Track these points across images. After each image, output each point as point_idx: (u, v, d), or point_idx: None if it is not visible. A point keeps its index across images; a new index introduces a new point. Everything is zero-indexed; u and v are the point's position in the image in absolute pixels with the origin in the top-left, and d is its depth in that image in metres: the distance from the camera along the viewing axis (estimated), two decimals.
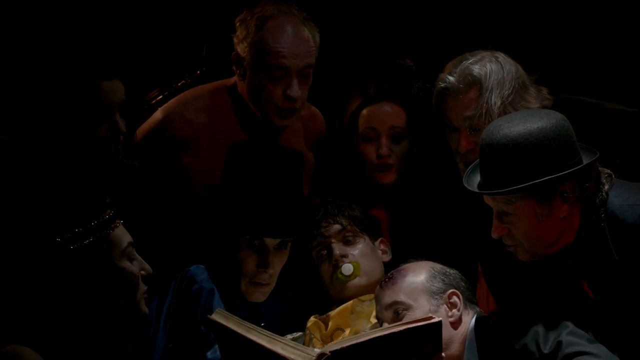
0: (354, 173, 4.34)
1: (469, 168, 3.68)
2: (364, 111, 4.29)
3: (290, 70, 4.13)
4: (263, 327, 3.79)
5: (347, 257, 4.01)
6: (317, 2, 4.44)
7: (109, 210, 3.35)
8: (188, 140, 4.23)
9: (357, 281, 3.99)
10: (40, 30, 4.75)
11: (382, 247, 4.14)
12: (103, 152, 3.71)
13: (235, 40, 4.22)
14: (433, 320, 3.32)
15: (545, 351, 3.44)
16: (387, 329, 3.33)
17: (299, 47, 4.14)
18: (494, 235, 3.60)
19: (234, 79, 4.31)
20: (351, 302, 3.95)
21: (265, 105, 4.18)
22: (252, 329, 3.32)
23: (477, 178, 3.62)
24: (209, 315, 3.37)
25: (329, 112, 4.53)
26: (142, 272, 3.38)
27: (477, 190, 3.59)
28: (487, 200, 3.60)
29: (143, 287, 3.37)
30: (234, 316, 3.38)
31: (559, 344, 3.44)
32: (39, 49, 4.22)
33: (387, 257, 4.13)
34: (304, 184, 4.33)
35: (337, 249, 4.02)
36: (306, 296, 4.13)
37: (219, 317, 3.35)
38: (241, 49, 4.19)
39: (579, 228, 3.57)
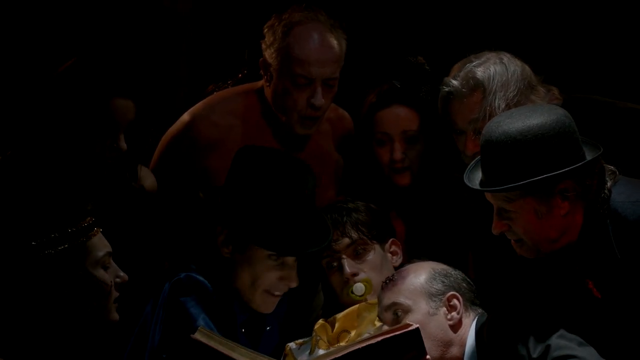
0: (371, 173, 4.37)
1: (471, 164, 3.66)
2: (377, 115, 4.31)
3: (315, 78, 4.16)
4: (269, 330, 3.86)
5: (359, 274, 4.00)
6: (335, 3, 4.46)
7: (89, 218, 3.35)
8: (214, 142, 4.28)
9: (369, 299, 3.99)
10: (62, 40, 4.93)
11: (393, 248, 4.13)
12: (96, 165, 3.83)
13: (263, 46, 4.26)
14: (410, 328, 3.34)
15: (535, 355, 3.44)
16: (365, 341, 3.34)
17: (324, 54, 4.16)
18: (494, 232, 3.59)
19: (262, 82, 4.36)
20: (358, 305, 3.98)
21: (289, 113, 4.22)
22: (234, 347, 3.34)
23: (479, 174, 3.60)
24: (191, 335, 3.37)
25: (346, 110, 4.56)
26: (117, 280, 3.39)
27: (475, 186, 3.58)
28: (488, 197, 3.59)
29: (115, 295, 3.37)
30: (216, 334, 3.41)
31: (547, 348, 3.43)
32: (56, 58, 4.37)
33: (398, 260, 4.12)
34: (331, 187, 4.39)
35: (348, 265, 4.00)
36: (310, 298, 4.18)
37: (201, 336, 3.36)
38: (268, 54, 4.23)
39: (582, 225, 3.53)
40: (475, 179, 3.61)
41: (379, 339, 3.31)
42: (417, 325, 3.36)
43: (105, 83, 3.84)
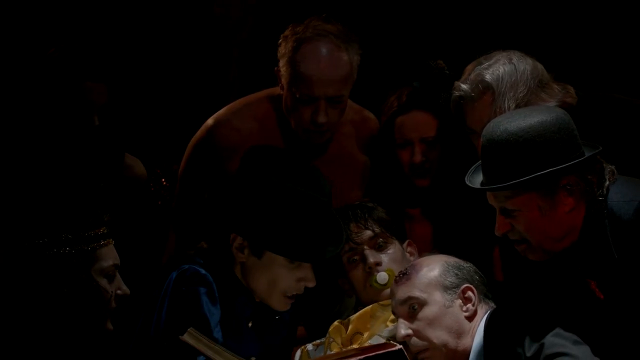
0: (393, 173, 4.42)
1: (472, 167, 3.67)
2: (397, 121, 4.37)
3: (319, 97, 4.19)
4: (278, 319, 3.90)
5: (382, 264, 4.05)
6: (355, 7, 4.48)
7: (103, 228, 3.41)
8: (235, 146, 4.32)
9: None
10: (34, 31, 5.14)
11: (409, 249, 4.18)
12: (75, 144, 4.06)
13: (278, 54, 4.31)
14: (394, 348, 3.34)
15: (529, 354, 3.45)
16: (347, 359, 3.34)
17: (330, 74, 4.17)
18: (497, 233, 3.60)
19: None
20: (371, 306, 4.01)
21: (295, 125, 4.28)
22: (221, 351, 3.39)
23: (480, 176, 3.61)
24: (180, 336, 3.42)
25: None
26: (119, 292, 3.42)
27: (478, 187, 3.58)
28: (490, 199, 3.59)
29: (113, 305, 3.40)
30: (205, 337, 3.45)
31: (541, 346, 3.44)
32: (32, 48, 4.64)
33: (415, 260, 4.12)
34: (356, 188, 4.43)
35: (371, 256, 4.05)
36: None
37: (189, 337, 3.40)
38: (281, 64, 4.28)
39: (582, 225, 3.53)
40: (476, 180, 3.62)
41: (362, 356, 3.32)
42: (401, 346, 3.38)
43: (77, 67, 4.15)
